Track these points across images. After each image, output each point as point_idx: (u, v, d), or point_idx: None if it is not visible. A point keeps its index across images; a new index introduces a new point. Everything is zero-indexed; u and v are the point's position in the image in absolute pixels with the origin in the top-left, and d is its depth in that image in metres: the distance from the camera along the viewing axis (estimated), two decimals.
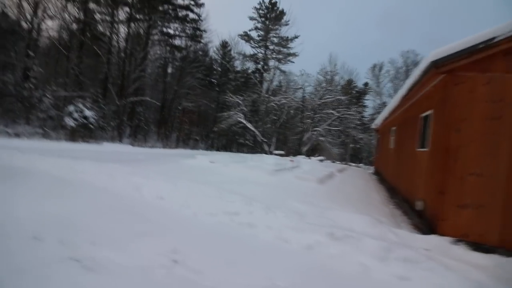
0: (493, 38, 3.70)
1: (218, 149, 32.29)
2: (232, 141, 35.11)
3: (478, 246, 3.81)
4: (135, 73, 21.07)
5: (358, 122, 25.58)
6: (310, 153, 25.29)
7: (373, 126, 15.63)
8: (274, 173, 7.77)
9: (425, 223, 4.53)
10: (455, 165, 4.00)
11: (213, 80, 31.87)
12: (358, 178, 10.97)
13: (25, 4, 17.29)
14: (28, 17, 17.32)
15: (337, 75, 27.71)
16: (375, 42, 69.83)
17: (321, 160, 17.36)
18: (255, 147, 33.52)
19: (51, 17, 18.96)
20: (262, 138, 20.17)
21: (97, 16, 22.29)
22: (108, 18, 21.73)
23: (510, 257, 3.55)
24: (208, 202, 4.17)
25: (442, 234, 4.01)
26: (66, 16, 19.74)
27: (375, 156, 15.46)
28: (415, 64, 28.27)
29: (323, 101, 20.91)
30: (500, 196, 3.78)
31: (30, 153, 6.89)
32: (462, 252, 3.59)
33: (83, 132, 17.31)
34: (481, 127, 3.87)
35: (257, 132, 20.16)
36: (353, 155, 31.65)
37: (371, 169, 21.04)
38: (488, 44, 3.73)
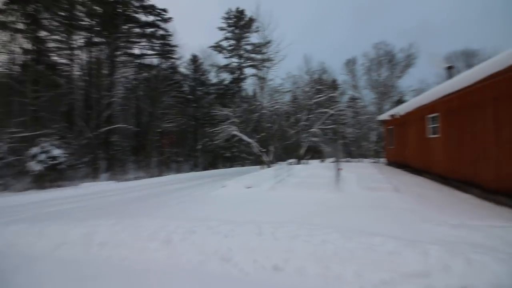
0: None
1: (205, 168, 30.12)
2: (218, 156, 33.14)
3: None
4: (104, 99, 18.55)
5: (351, 116, 25.35)
6: (306, 155, 24.40)
7: (382, 118, 15.09)
8: (336, 187, 6.38)
9: None
10: None
11: (188, 96, 29.90)
12: (398, 174, 10.02)
13: None
14: None
15: (326, 73, 27.50)
16: (346, 38, 73.04)
17: (334, 162, 16.34)
18: (246, 159, 31.95)
19: None
20: (260, 149, 18.70)
21: (53, 45, 19.49)
22: (64, 45, 19.11)
23: None
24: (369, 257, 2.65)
25: None
26: (15, 48, 16.88)
27: (390, 147, 14.85)
28: (389, 54, 29.17)
29: (315, 100, 20.17)
30: None
31: None
32: None
33: (53, 176, 14.49)
34: None
35: (253, 143, 18.66)
36: (342, 151, 31.51)
37: (378, 161, 20.73)
38: None
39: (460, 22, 60.96)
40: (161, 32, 24.56)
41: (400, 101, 31.17)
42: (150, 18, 23.80)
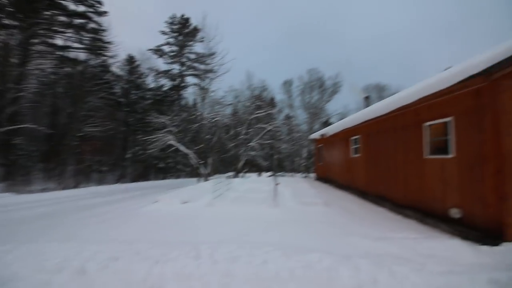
0: None
1: (135, 179, 27.32)
2: (150, 167, 30.57)
3: None
4: (9, 93, 15.13)
5: (286, 133, 26.84)
6: (243, 169, 24.68)
7: (313, 136, 16.47)
8: (274, 203, 6.53)
9: (477, 231, 4.41)
10: (511, 169, 4.04)
11: (120, 99, 27.09)
12: (327, 189, 10.94)
13: None
14: None
15: (265, 91, 28.66)
16: (284, 61, 78.88)
17: (270, 176, 16.90)
18: (181, 171, 30.24)
19: None
20: (198, 160, 18.05)
21: None
22: None
23: None
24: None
25: (509, 240, 3.96)
26: None
27: (319, 164, 16.23)
28: (319, 80, 32.55)
29: (255, 115, 20.81)
30: None
31: None
32: None
33: None
34: None
35: (191, 155, 17.90)
36: (277, 165, 33.08)
37: (308, 176, 22.29)
38: None
39: (375, 60, 73.80)
40: (93, 25, 21.92)
41: (327, 122, 34.91)
42: (81, 8, 21.08)
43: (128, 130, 29.24)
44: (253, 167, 27.79)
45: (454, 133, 4.98)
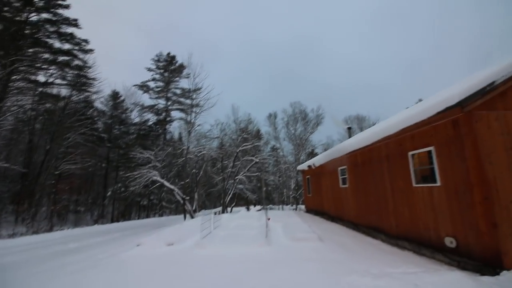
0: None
1: (115, 219, 25.67)
2: (132, 205, 29.06)
3: None
4: None
5: (273, 164, 26.80)
6: (231, 203, 23.95)
7: (301, 168, 16.51)
8: (266, 240, 6.22)
9: (475, 261, 4.34)
10: (498, 195, 4.13)
11: (103, 134, 26.51)
12: (318, 222, 10.68)
13: None
14: None
15: (251, 123, 29.16)
16: (269, 94, 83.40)
17: (259, 210, 16.43)
18: (166, 208, 28.86)
19: None
20: (184, 196, 17.37)
21: None
22: None
23: None
24: None
25: (509, 268, 3.90)
26: None
27: (308, 195, 16.06)
28: (302, 112, 33.76)
29: (241, 148, 20.83)
30: None
31: None
32: None
33: None
34: (506, 157, 4.25)
35: (176, 190, 17.26)
36: (266, 198, 32.50)
37: (298, 208, 21.87)
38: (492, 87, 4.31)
39: (354, 94, 78.74)
40: (77, 62, 22.11)
41: (312, 153, 35.53)
42: (67, 46, 21.39)
43: (110, 167, 28.19)
44: (241, 200, 27.09)
45: (438, 162, 5.13)
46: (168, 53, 29.28)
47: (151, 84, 28.94)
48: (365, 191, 8.34)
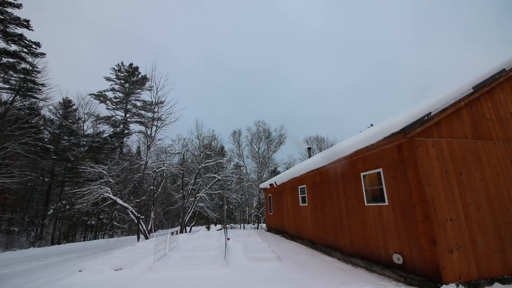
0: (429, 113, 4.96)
1: (56, 241, 22.62)
2: (77, 225, 26.02)
3: (470, 284, 4.34)
4: None
5: (235, 182, 26.39)
6: (191, 222, 22.84)
7: (263, 186, 16.59)
8: (224, 262, 5.99)
9: (419, 276, 4.68)
10: (436, 215, 4.60)
11: (48, 145, 23.81)
12: (278, 241, 10.67)
13: None
14: None
15: (215, 140, 28.68)
16: (233, 112, 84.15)
17: (220, 229, 15.87)
18: (118, 228, 26.27)
19: None
20: (138, 215, 16.11)
21: None
22: None
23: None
24: None
25: (447, 282, 4.28)
26: None
27: (270, 214, 16.07)
28: (266, 131, 34.54)
29: (203, 165, 20.31)
30: (469, 235, 4.62)
31: None
32: None
33: None
34: (441, 180, 4.79)
35: (131, 209, 15.96)
36: (227, 216, 31.76)
37: (260, 226, 21.60)
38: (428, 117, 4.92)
39: (313, 116, 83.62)
40: (25, 66, 19.99)
41: (275, 171, 36.16)
42: (13, 47, 19.30)
43: (54, 181, 25.21)
44: (202, 219, 26.04)
45: (386, 183, 5.59)
46: (131, 64, 28.09)
47: (109, 94, 27.28)
48: (323, 209, 8.64)
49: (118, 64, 27.74)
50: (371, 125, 9.93)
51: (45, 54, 20.74)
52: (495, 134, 5.52)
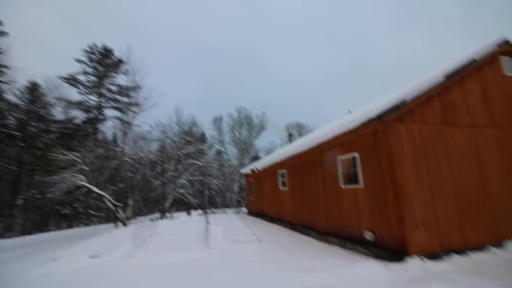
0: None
1: (27, 231, 21.61)
2: (50, 214, 24.93)
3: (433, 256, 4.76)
4: None
5: (217, 168, 26.30)
6: (171, 208, 22.70)
7: (244, 171, 16.72)
8: (205, 245, 6.08)
9: (387, 250, 5.05)
10: (405, 195, 4.91)
11: (14, 132, 22.19)
12: (258, 223, 10.93)
13: None
14: None
15: (195, 126, 28.09)
16: (214, 97, 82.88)
17: (201, 214, 15.91)
18: (93, 217, 25.48)
19: None
20: (115, 203, 15.71)
21: None
22: None
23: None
24: None
25: (411, 254, 4.66)
26: None
27: (250, 198, 16.33)
28: (247, 117, 34.41)
29: (184, 151, 20.01)
30: (433, 213, 5.01)
31: None
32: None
33: None
34: (412, 163, 5.09)
35: (107, 197, 15.49)
36: (208, 202, 31.88)
37: (241, 211, 21.89)
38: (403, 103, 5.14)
39: (293, 102, 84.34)
40: None
41: (256, 157, 36.44)
42: None
43: (21, 170, 23.72)
44: (183, 205, 25.91)
45: (361, 166, 5.85)
46: (104, 46, 26.35)
47: (81, 78, 25.54)
48: (302, 193, 8.93)
49: (90, 46, 25.91)
50: (349, 112, 10.20)
51: (7, 33, 18.89)
52: (463, 120, 5.89)
